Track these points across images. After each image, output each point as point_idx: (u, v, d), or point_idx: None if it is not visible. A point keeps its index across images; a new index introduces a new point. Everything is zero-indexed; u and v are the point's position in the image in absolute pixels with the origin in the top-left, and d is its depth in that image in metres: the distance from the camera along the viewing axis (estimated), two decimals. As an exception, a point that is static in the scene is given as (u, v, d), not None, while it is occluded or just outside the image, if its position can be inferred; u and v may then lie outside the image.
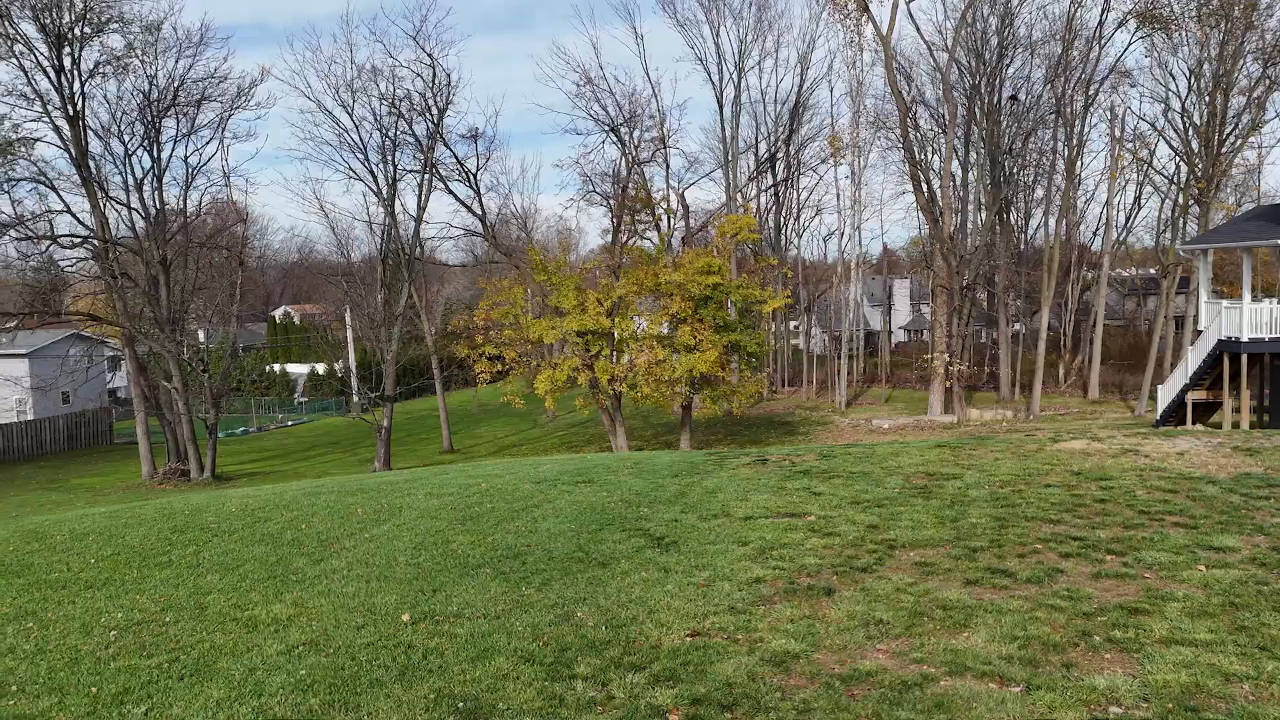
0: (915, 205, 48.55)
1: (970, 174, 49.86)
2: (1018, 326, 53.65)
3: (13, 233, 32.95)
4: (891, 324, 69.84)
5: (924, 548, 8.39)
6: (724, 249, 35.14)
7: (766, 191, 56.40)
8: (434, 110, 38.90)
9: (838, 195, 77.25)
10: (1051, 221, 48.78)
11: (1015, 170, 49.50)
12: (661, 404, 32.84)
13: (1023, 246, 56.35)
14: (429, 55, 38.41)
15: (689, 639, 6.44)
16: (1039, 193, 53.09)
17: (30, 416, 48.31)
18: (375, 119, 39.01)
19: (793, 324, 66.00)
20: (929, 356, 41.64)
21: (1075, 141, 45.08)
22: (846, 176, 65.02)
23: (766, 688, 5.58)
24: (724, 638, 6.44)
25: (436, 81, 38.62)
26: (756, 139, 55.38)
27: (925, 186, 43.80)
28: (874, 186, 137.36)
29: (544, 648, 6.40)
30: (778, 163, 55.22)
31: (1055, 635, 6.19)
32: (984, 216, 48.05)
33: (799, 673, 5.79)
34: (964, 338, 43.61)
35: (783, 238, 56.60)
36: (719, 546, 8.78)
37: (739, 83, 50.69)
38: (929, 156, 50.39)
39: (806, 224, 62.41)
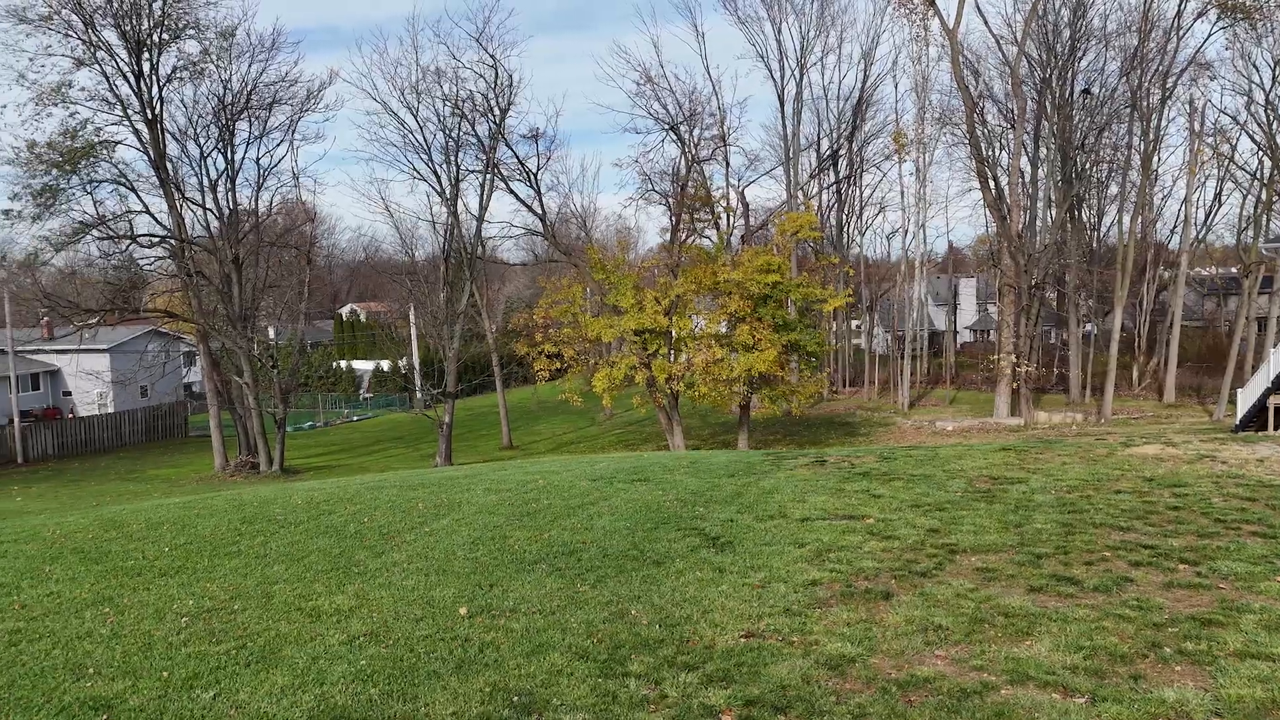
0: (982, 202, 47.54)
1: (1040, 170, 48.58)
2: (1089, 327, 52.10)
3: (95, 232, 34.28)
4: (957, 324, 68.46)
5: (986, 553, 8.21)
6: (784, 247, 34.83)
7: (828, 189, 55.79)
8: (496, 111, 39.38)
9: (902, 192, 76.03)
10: (1126, 219, 47.23)
11: (1088, 166, 48.07)
12: (719, 403, 32.71)
13: (1095, 244, 54.73)
14: (491, 56, 38.89)
15: (743, 640, 6.40)
16: (1113, 189, 51.57)
17: (111, 409, 50.30)
18: (439, 120, 39.67)
19: (854, 323, 65.15)
20: (995, 357, 40.69)
21: (1152, 136, 43.56)
22: (911, 173, 63.97)
23: (821, 691, 5.51)
24: (779, 640, 6.39)
25: (499, 82, 39.09)
26: (818, 136, 54.85)
27: (993, 183, 42.81)
28: (939, 183, 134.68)
29: (598, 645, 6.43)
30: (840, 160, 54.56)
31: (1123, 646, 5.99)
32: (1054, 214, 46.76)
33: (855, 677, 5.72)
34: (1032, 338, 42.49)
35: (845, 236, 55.90)
36: (775, 548, 8.71)
37: (801, 79, 50.26)
38: (996, 152, 49.27)
39: (869, 222, 61.38)
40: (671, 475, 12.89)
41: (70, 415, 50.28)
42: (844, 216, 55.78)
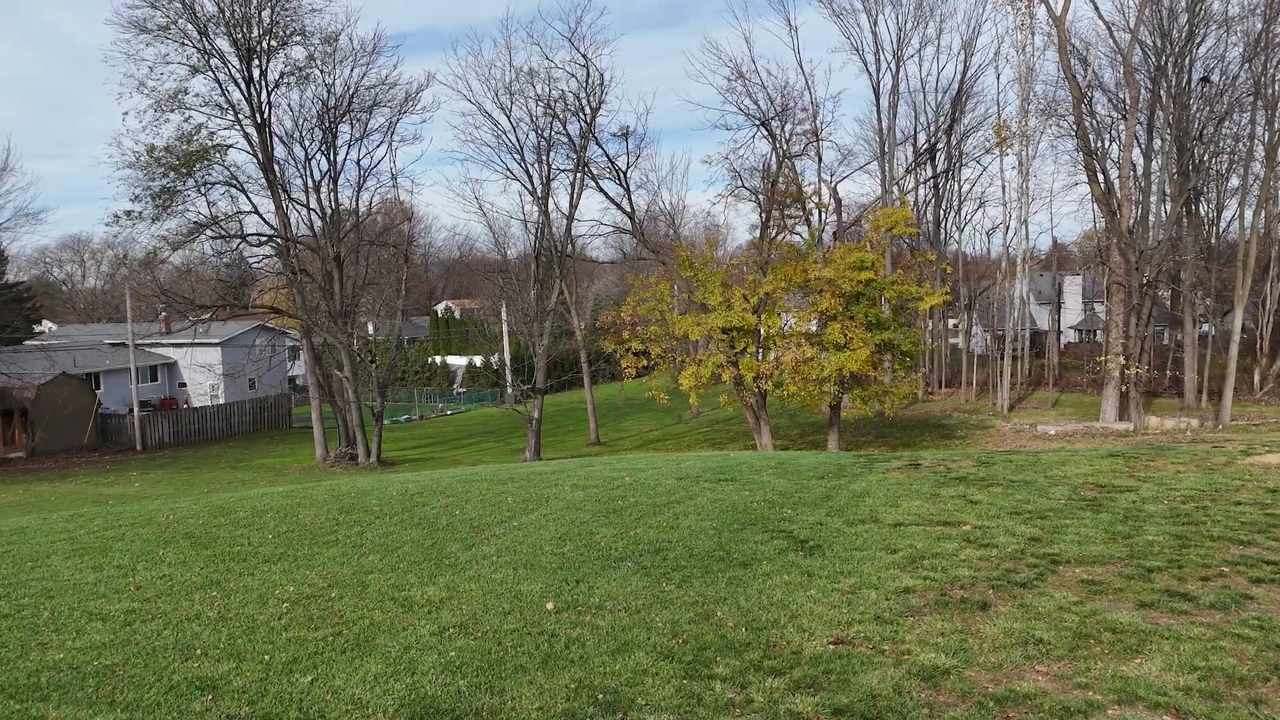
0: (1090, 197, 45.52)
1: (1153, 163, 46.20)
2: (1206, 327, 49.32)
3: (208, 232, 36.05)
4: (1060, 323, 65.79)
5: (1092, 565, 7.83)
6: (878, 244, 34.05)
7: (925, 184, 54.35)
8: (587, 110, 39.71)
9: (1003, 187, 73.35)
10: (1248, 213, 44.42)
11: (1206, 158, 45.47)
12: (809, 403, 32.19)
13: (1214, 241, 51.75)
14: (583, 55, 39.22)
15: (832, 646, 6.26)
16: (1234, 182, 48.67)
17: (222, 400, 52.84)
18: (531, 120, 40.21)
19: (952, 322, 63.32)
20: (1103, 358, 38.91)
21: (1277, 125, 40.90)
22: (1013, 167, 61.60)
23: (913, 703, 5.34)
24: (869, 648, 6.22)
25: (590, 81, 39.39)
26: (915, 129, 53.48)
27: (1101, 177, 40.91)
28: (1043, 177, 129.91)
29: (683, 645, 6.38)
30: (938, 154, 53.08)
31: (1242, 668, 5.62)
32: (1169, 208, 44.40)
33: (949, 689, 5.52)
34: (1143, 339, 40.43)
35: (942, 232, 54.37)
36: (866, 553, 8.50)
37: (897, 72, 49.11)
38: (1106, 144, 47.08)
39: (968, 217, 59.65)
40: (759, 475, 12.74)
41: (185, 405, 53.03)
42: (941, 212, 54.26)
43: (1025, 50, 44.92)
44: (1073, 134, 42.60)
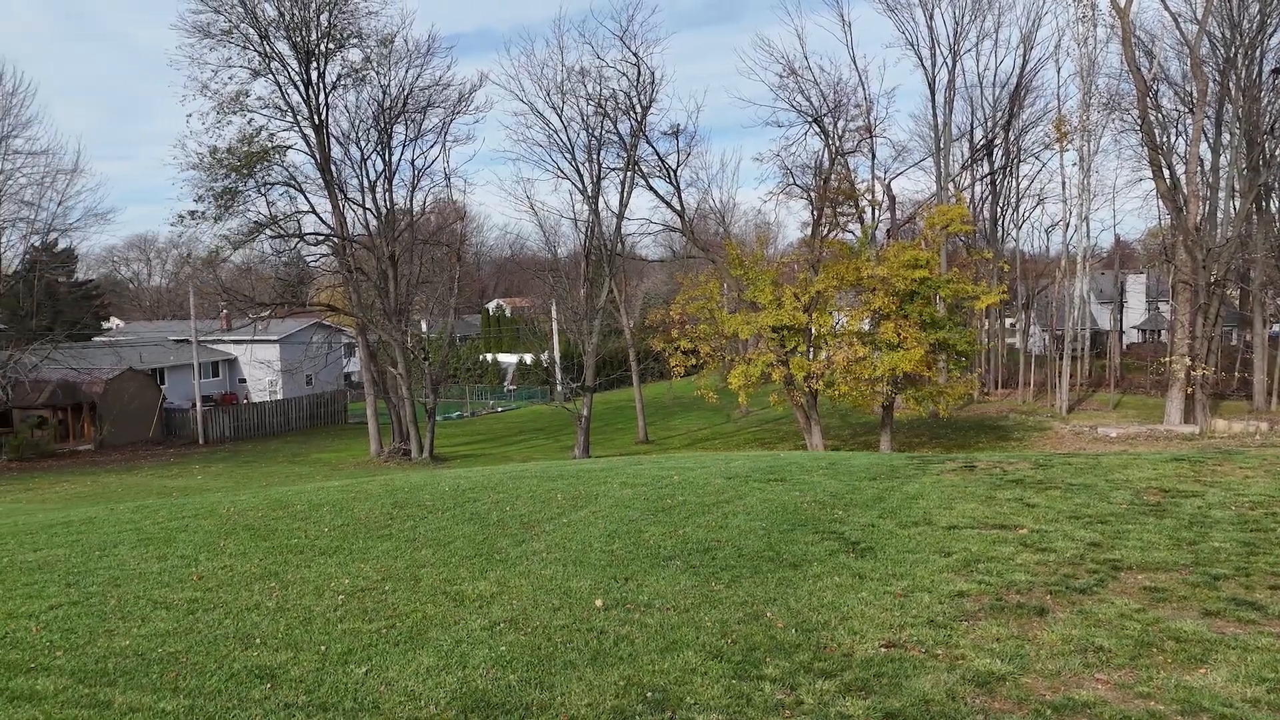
0: (1155, 193, 44.23)
1: (1222, 158, 44.68)
2: (1277, 328, 47.56)
3: (268, 231, 36.90)
4: (1123, 323, 64.04)
5: (1154, 571, 7.60)
6: (933, 241, 33.53)
7: (981, 180, 53.30)
8: (638, 108, 39.74)
9: (1063, 183, 71.49)
10: (1323, 209, 42.83)
11: (1278, 152, 43.82)
12: (860, 403, 31.82)
13: (1285, 237, 49.90)
14: (634, 54, 39.26)
15: (883, 650, 6.18)
16: (1307, 177, 46.70)
17: (280, 396, 54.07)
18: (582, 119, 40.39)
19: (1009, 321, 61.99)
20: (1167, 359, 37.78)
21: (1355, 117, 39.30)
22: (1074, 163, 60.00)
23: (967, 709, 5.25)
24: (921, 652, 6.13)
25: (641, 80, 39.42)
26: (971, 125, 52.52)
27: (1167, 172, 39.70)
28: (1105, 173, 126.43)
29: (732, 645, 6.36)
30: (995, 149, 52.02)
31: (1316, 682, 5.40)
32: (1237, 204, 42.93)
33: (1004, 696, 5.41)
34: (1210, 339, 39.16)
35: (999, 229, 53.29)
36: (919, 555, 8.38)
37: (953, 66, 48.21)
38: (1172, 139, 45.68)
39: (1026, 214, 58.29)
40: (809, 476, 12.63)
41: (244, 401, 54.38)
42: (998, 209, 53.19)
43: (1087, 43, 43.82)
44: (1137, 128, 41.43)
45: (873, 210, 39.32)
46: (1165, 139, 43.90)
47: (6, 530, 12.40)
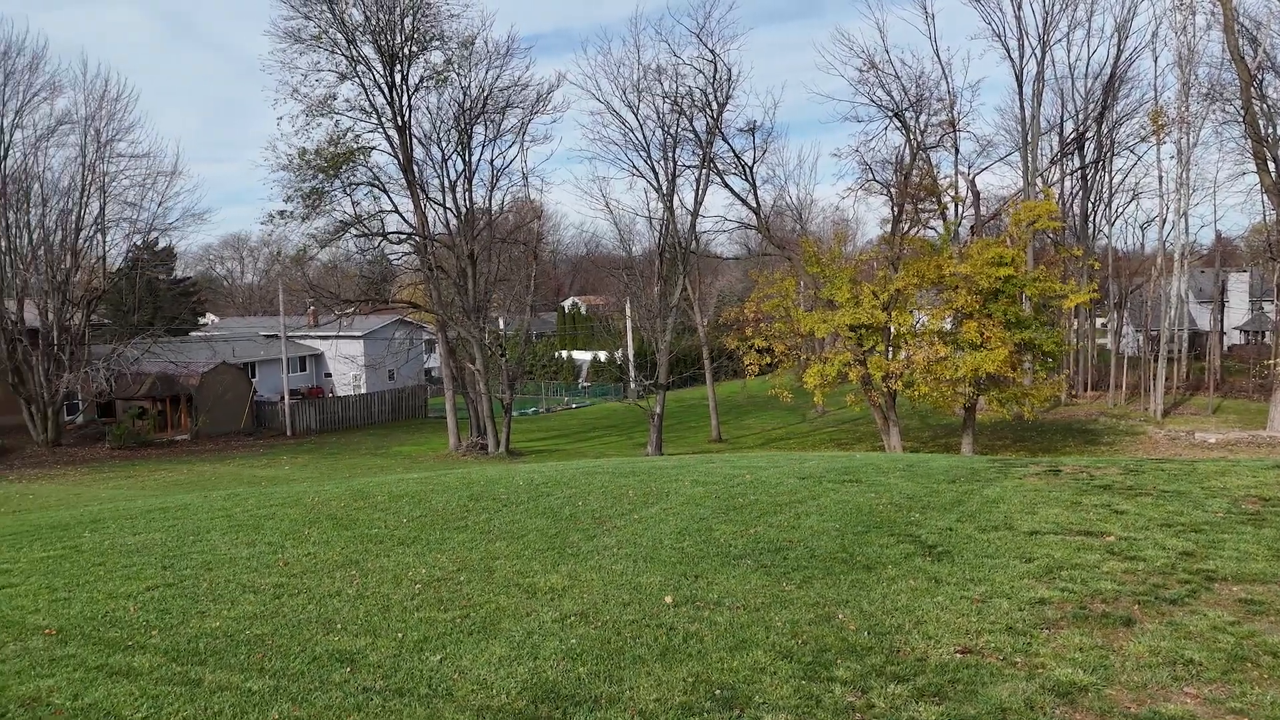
0: (1259, 187, 41.98)
1: (1333, 148, 42.17)
2: (1394, 329, 44.71)
3: (353, 230, 38.08)
4: (1224, 323, 61.04)
5: (1252, 583, 7.24)
6: (1019, 238, 32.49)
7: (1072, 175, 51.44)
8: (714, 106, 39.59)
9: (1159, 177, 68.52)
10: None
11: (1397, 142, 41.12)
12: (941, 404, 31.05)
13: (1405, 233, 46.82)
14: (711, 51, 39.13)
15: (959, 655, 6.04)
16: None
17: (363, 390, 55.66)
18: (658, 117, 40.46)
19: (1100, 321, 59.77)
20: (1272, 361, 35.86)
21: None
22: (1171, 156, 57.51)
23: (1047, 719, 5.09)
24: (999, 659, 5.96)
25: (717, 77, 39.27)
26: (1061, 118, 50.66)
27: (1272, 165, 37.68)
28: (1205, 166, 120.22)
29: (802, 646, 6.30)
30: (1086, 143, 50.12)
31: None
32: (1351, 198, 40.43)
33: (1086, 707, 5.23)
34: (1318, 341, 37.05)
35: (1090, 226, 51.37)
36: (998, 561, 8.15)
37: (1042, 58, 46.58)
38: (1278, 130, 43.25)
39: (1119, 210, 55.93)
40: (885, 478, 12.41)
41: (330, 394, 56.15)
42: (1089, 205, 51.26)
43: (1185, 31, 41.87)
44: (1240, 119, 39.39)
45: (956, 206, 38.38)
46: (1271, 130, 41.62)
47: (109, 515, 13.09)
